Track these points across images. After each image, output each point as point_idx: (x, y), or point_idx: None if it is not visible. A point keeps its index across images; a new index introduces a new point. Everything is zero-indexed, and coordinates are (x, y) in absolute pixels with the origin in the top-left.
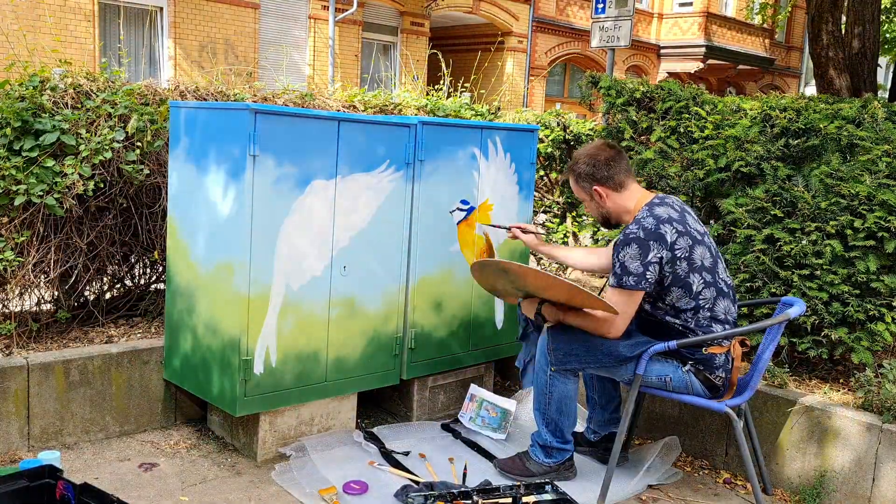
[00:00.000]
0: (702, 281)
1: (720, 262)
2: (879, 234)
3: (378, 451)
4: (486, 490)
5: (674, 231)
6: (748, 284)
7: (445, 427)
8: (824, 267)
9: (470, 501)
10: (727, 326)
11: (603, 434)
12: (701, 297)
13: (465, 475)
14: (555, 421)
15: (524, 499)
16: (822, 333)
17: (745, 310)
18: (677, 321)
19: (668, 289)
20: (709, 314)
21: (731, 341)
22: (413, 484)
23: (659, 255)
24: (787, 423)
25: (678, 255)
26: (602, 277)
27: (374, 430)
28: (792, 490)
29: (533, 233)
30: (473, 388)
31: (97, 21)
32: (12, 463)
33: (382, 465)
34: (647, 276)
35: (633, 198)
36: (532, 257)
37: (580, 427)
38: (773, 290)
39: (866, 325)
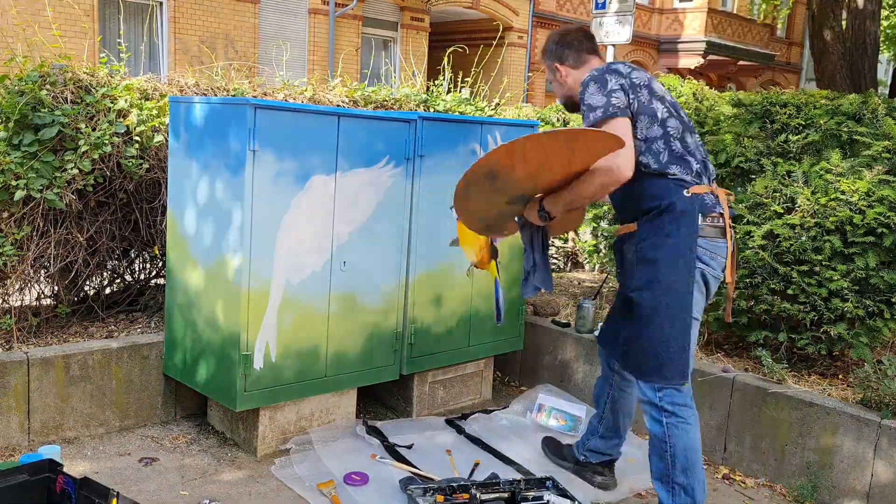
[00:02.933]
0: (665, 109)
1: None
2: (879, 231)
3: (381, 444)
4: (485, 484)
5: (627, 67)
6: (747, 280)
7: (449, 422)
8: (823, 263)
9: (469, 494)
10: (696, 163)
11: (593, 460)
12: (668, 125)
13: (473, 471)
14: (683, 486)
15: (524, 493)
16: (822, 329)
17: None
18: (651, 159)
19: (636, 117)
20: (680, 145)
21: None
22: (415, 477)
23: (619, 83)
24: (786, 418)
25: (636, 83)
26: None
27: (378, 424)
28: (790, 485)
29: None
30: (542, 398)
31: (97, 16)
32: (12, 457)
33: (384, 458)
34: (613, 101)
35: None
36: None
37: (570, 439)
38: (773, 286)
39: (865, 322)
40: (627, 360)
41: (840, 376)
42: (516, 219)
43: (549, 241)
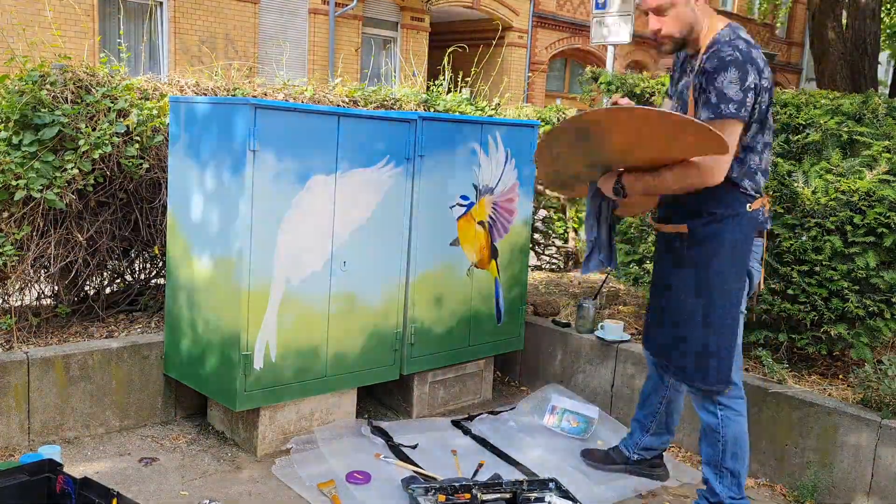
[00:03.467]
0: (771, 119)
1: None
2: (879, 230)
3: (385, 444)
4: (487, 484)
5: (762, 60)
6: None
7: (455, 423)
8: (824, 263)
9: (470, 494)
10: (764, 179)
11: (648, 457)
12: (766, 138)
13: (476, 471)
14: (731, 470)
15: (526, 494)
16: (822, 329)
17: None
18: (735, 168)
19: (750, 123)
20: (760, 160)
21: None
22: (418, 476)
23: (755, 81)
24: (787, 418)
25: (765, 86)
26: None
27: (383, 425)
28: (791, 485)
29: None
30: (555, 398)
31: (97, 15)
32: (12, 457)
33: (389, 457)
34: (747, 104)
35: (709, 12)
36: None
37: (613, 440)
38: (773, 286)
39: (866, 322)
40: (671, 360)
41: (840, 376)
42: (589, 183)
43: (617, 217)
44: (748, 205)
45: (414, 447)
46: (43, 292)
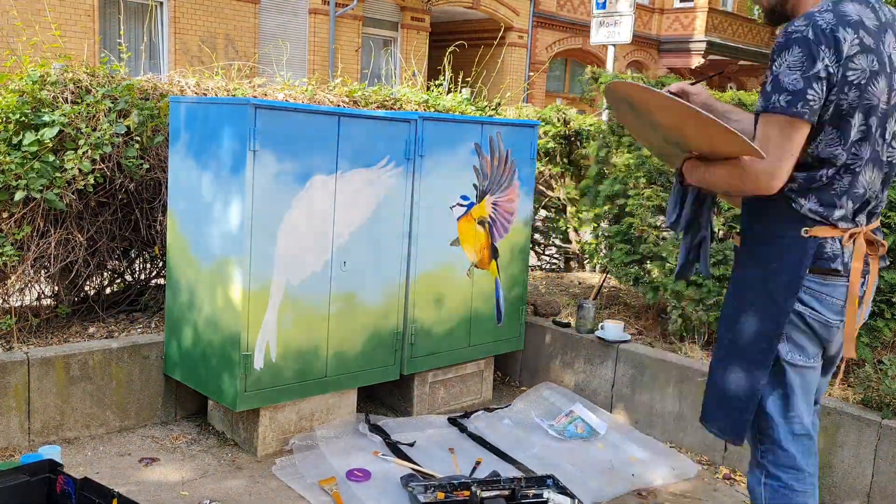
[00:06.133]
0: (862, 126)
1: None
2: None
3: (383, 441)
4: (486, 481)
5: (856, 40)
6: None
7: (452, 421)
8: None
9: (469, 492)
10: (850, 204)
11: None
12: (854, 151)
13: (474, 469)
14: None
15: (524, 491)
16: None
17: None
18: (794, 180)
19: (822, 126)
20: (846, 182)
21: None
22: (416, 474)
23: (827, 67)
24: None
25: (851, 79)
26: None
27: (381, 422)
28: None
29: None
30: (578, 408)
31: (97, 15)
32: (12, 457)
33: (387, 455)
34: (809, 97)
35: None
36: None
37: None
38: None
39: (866, 322)
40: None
41: (840, 376)
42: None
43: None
44: (803, 229)
45: (411, 445)
46: (43, 292)
